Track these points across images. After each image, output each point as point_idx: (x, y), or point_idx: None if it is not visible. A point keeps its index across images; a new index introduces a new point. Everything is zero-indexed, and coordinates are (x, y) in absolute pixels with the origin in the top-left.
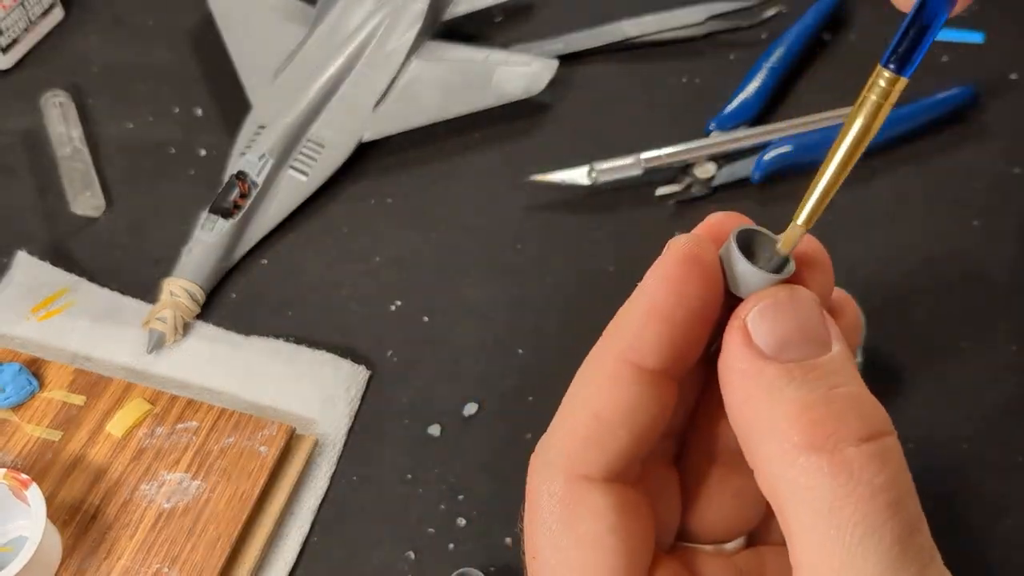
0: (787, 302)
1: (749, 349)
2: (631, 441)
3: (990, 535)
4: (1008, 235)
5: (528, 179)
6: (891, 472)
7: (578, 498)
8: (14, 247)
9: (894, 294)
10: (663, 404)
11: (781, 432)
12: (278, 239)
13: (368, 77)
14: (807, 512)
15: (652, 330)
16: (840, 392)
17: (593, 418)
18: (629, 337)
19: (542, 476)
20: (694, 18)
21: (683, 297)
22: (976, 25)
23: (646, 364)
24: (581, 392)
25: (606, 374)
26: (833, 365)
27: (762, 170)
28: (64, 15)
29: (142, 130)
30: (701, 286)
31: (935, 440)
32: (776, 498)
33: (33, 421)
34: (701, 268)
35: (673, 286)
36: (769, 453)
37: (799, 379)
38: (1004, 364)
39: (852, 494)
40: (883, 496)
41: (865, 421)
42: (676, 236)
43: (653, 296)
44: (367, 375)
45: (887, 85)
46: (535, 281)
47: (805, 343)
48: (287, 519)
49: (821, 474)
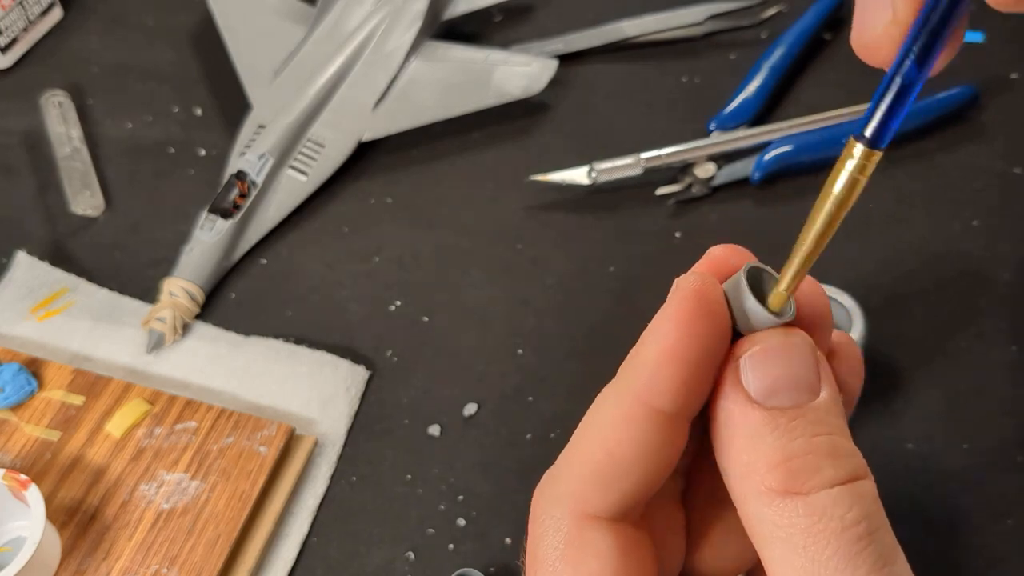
0: (779, 348)
1: (739, 393)
2: (642, 482)
3: (990, 535)
4: (1008, 235)
5: (528, 179)
6: (862, 508)
7: (584, 537)
8: (14, 247)
9: (894, 294)
10: (675, 446)
11: (760, 476)
12: (278, 239)
13: (368, 77)
14: (784, 548)
15: (667, 372)
16: (818, 441)
17: (606, 458)
18: (644, 379)
19: (549, 512)
20: (694, 18)
21: (695, 338)
22: (976, 25)
23: (662, 406)
24: (594, 431)
25: (621, 415)
26: (817, 414)
27: (762, 170)
28: (63, 15)
29: (142, 130)
30: (712, 325)
31: (935, 441)
32: (755, 535)
33: (32, 421)
34: (710, 307)
35: (685, 327)
36: (748, 493)
37: (782, 427)
38: (1004, 364)
39: (825, 530)
40: (854, 530)
41: (840, 469)
42: (682, 276)
43: (666, 337)
44: (367, 375)
45: (862, 159)
46: (535, 281)
47: (793, 390)
48: (287, 519)
49: (795, 515)
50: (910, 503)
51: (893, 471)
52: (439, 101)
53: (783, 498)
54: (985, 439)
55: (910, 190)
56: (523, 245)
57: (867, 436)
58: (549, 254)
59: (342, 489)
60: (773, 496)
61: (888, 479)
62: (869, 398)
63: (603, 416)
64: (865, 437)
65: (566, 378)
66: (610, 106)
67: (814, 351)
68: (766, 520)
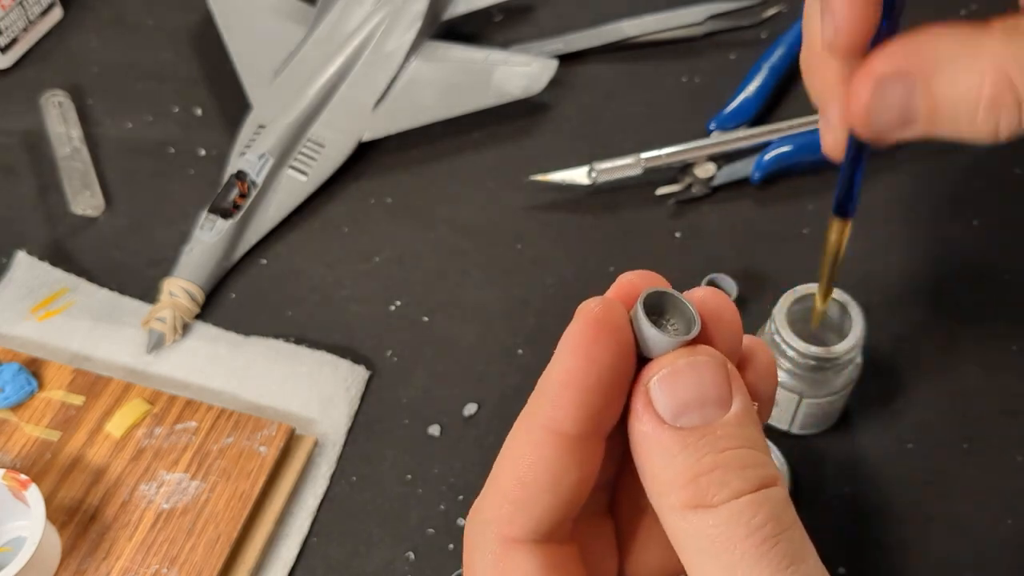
0: (686, 369)
1: (649, 414)
2: (557, 505)
3: (990, 535)
4: (1008, 235)
5: (528, 179)
6: (767, 511)
7: (509, 562)
8: (14, 247)
9: (894, 294)
10: (587, 467)
11: (675, 493)
12: (278, 239)
13: (368, 77)
14: (701, 558)
15: (567, 398)
16: (726, 456)
17: (518, 484)
18: (547, 405)
19: (476, 542)
20: (694, 18)
21: (593, 363)
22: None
23: (566, 430)
24: (507, 461)
25: (530, 442)
26: (726, 429)
27: (762, 170)
28: (63, 14)
29: (142, 130)
30: (611, 350)
31: (935, 440)
32: (677, 548)
33: (32, 421)
34: (609, 332)
35: (583, 352)
36: (665, 508)
37: (691, 446)
38: (1004, 364)
39: (733, 535)
40: (759, 533)
41: (748, 481)
42: (585, 301)
43: (565, 363)
44: (367, 375)
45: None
46: (535, 281)
47: (702, 407)
48: (287, 519)
49: (705, 525)
50: (910, 503)
51: (893, 471)
52: (439, 101)
53: (695, 512)
54: (985, 439)
55: (910, 190)
56: (523, 245)
57: (867, 436)
58: (549, 254)
59: (342, 489)
60: (686, 511)
61: (888, 479)
62: (869, 398)
63: (515, 444)
64: (865, 437)
65: None
66: (610, 106)
67: (723, 365)
68: (681, 531)
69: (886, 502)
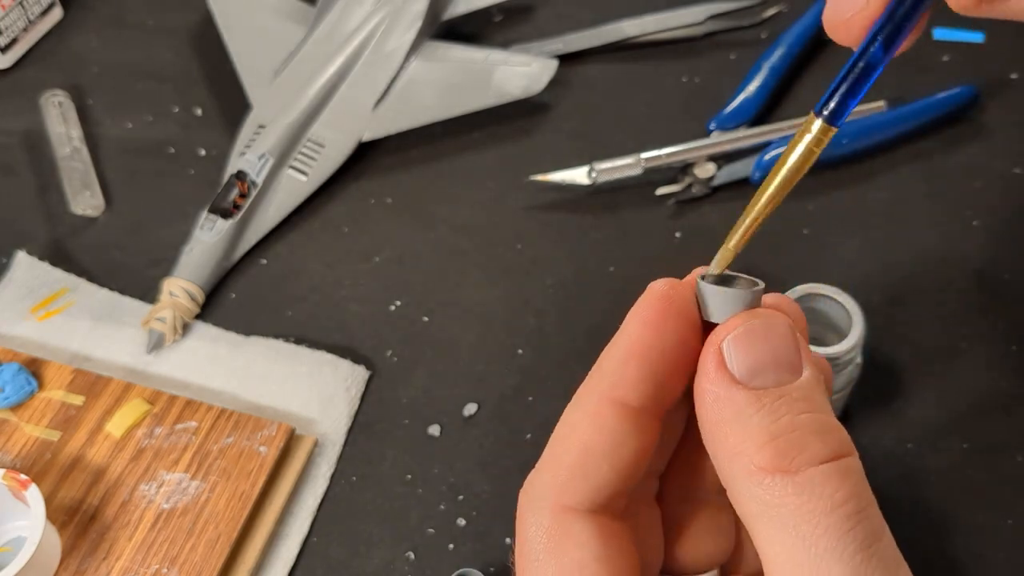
0: (760, 329)
1: (723, 374)
2: (615, 475)
3: (990, 535)
4: (1008, 235)
5: (528, 179)
6: (851, 486)
7: (564, 528)
8: (14, 247)
9: (894, 294)
10: (645, 440)
11: (748, 455)
12: (278, 239)
13: (368, 77)
14: (775, 528)
15: (632, 368)
16: (804, 419)
17: (580, 452)
18: (611, 375)
19: (530, 509)
20: (694, 18)
21: (660, 333)
22: (976, 25)
23: (628, 401)
24: (567, 429)
25: (590, 411)
26: (801, 392)
27: (762, 170)
28: (63, 14)
29: (142, 130)
30: (677, 322)
31: (935, 440)
32: (746, 516)
33: (32, 421)
34: (676, 306)
35: (650, 324)
36: (738, 473)
37: (767, 406)
38: (1004, 364)
39: (815, 508)
40: (843, 508)
41: (827, 445)
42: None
43: (631, 335)
44: (367, 375)
45: (819, 133)
46: (535, 281)
47: (776, 370)
48: (287, 519)
49: (785, 493)
50: (910, 503)
51: (893, 471)
52: (439, 101)
53: (772, 477)
54: (985, 439)
55: (910, 190)
56: (523, 245)
57: (867, 436)
58: (549, 254)
59: (342, 489)
60: (763, 475)
61: (888, 479)
62: (869, 398)
63: (575, 413)
64: (865, 437)
65: (566, 378)
66: (610, 106)
67: (794, 332)
68: (756, 499)
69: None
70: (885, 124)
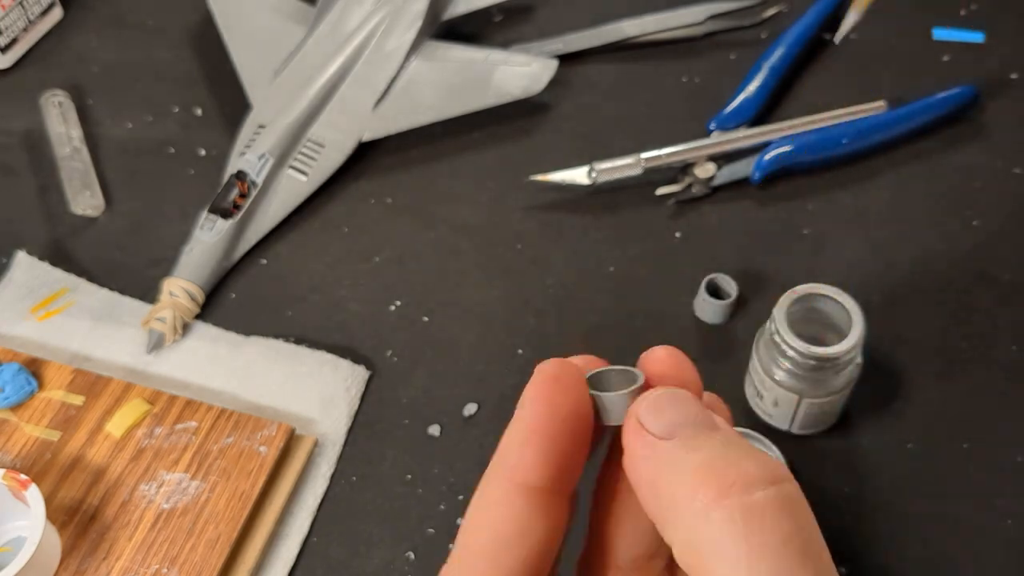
0: (667, 395)
1: (647, 437)
2: (528, 560)
3: (991, 535)
4: (1008, 235)
5: (528, 179)
6: (798, 519)
7: None
8: (14, 247)
9: (894, 294)
10: (555, 521)
11: (690, 495)
12: (278, 239)
13: (368, 77)
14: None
15: (531, 449)
16: (733, 449)
17: (488, 540)
18: (511, 459)
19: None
20: (694, 18)
21: (556, 411)
22: (976, 25)
23: (531, 482)
24: (475, 518)
25: (495, 498)
26: (724, 434)
27: (762, 170)
28: (63, 14)
29: (142, 130)
30: (571, 398)
31: (935, 440)
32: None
33: (32, 421)
34: (567, 382)
35: (544, 401)
36: (683, 519)
37: (695, 446)
38: (1004, 364)
39: (766, 544)
40: (793, 544)
41: (764, 469)
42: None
43: (527, 418)
44: (367, 375)
45: None
46: (535, 281)
47: (694, 425)
48: (287, 519)
49: (735, 526)
50: (910, 503)
51: (893, 471)
52: (439, 101)
53: (719, 507)
54: (985, 439)
55: (910, 190)
56: (523, 245)
57: (867, 436)
58: (549, 254)
59: (342, 489)
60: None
61: (888, 479)
62: (869, 398)
63: (481, 500)
64: (865, 437)
65: None
66: (610, 106)
67: (697, 399)
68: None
69: (886, 502)
70: (885, 124)
